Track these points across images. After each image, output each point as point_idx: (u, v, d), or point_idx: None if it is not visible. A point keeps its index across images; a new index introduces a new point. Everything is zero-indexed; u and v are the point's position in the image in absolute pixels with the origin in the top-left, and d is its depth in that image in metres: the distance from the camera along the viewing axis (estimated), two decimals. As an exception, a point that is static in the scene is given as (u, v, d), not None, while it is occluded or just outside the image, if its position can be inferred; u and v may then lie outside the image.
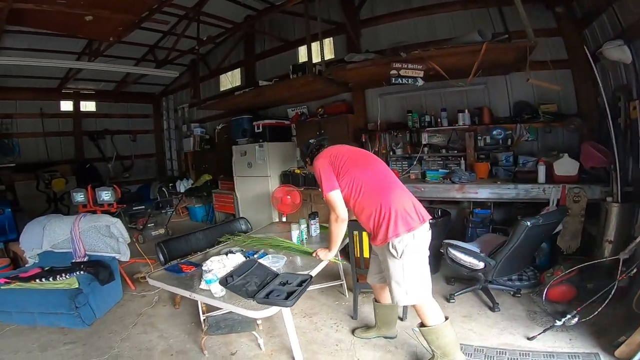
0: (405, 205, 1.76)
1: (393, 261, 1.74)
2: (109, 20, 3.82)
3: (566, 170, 2.93)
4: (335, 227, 1.96)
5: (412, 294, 1.74)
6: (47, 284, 2.61)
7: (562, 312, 2.39)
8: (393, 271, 1.75)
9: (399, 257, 1.70)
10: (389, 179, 1.88)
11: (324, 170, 1.88)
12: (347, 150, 2.01)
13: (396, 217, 1.70)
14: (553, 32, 3.35)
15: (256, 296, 1.58)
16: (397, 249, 1.69)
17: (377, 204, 1.75)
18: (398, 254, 1.70)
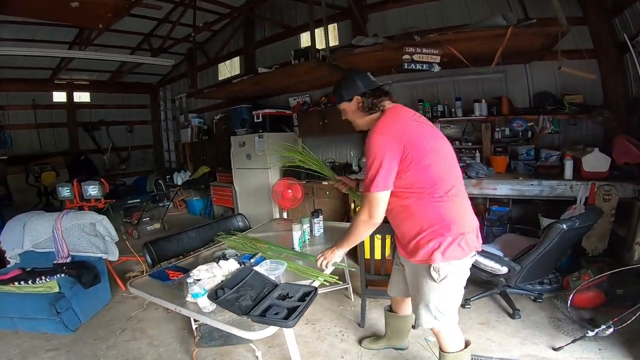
0: (472, 224, 1.42)
1: (429, 284, 1.42)
2: (97, 7, 3.58)
3: (596, 165, 2.67)
4: (363, 229, 1.48)
5: (441, 320, 1.47)
6: (26, 287, 2.41)
7: (589, 319, 2.22)
8: (425, 294, 1.45)
9: (438, 281, 1.38)
10: (460, 178, 1.44)
11: (388, 156, 1.31)
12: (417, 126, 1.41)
13: (456, 240, 1.35)
14: (578, 21, 3.10)
15: (251, 313, 1.34)
16: (440, 273, 1.37)
17: (437, 218, 1.35)
18: (439, 278, 1.37)
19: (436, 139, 1.43)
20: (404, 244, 1.48)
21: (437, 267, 1.36)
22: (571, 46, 3.04)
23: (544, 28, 2.63)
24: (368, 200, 1.39)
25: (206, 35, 6.09)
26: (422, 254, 1.38)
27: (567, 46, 2.96)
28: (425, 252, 1.37)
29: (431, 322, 1.47)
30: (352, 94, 1.47)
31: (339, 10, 4.35)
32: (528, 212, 3.35)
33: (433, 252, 1.35)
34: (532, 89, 3.44)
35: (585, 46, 3.09)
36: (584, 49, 2.98)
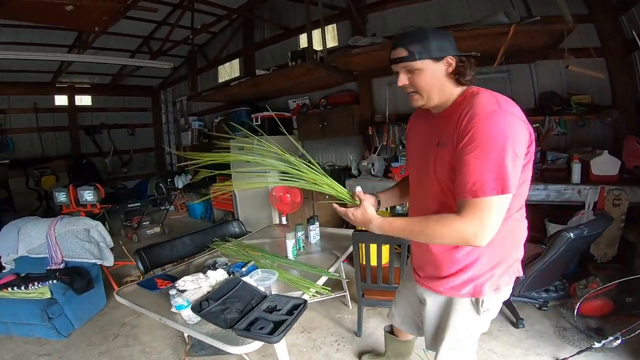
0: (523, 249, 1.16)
1: (465, 320, 1.14)
2: (92, 10, 3.56)
3: (605, 169, 2.56)
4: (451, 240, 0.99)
5: (465, 354, 1.22)
6: (19, 293, 2.38)
7: (596, 328, 2.13)
8: (456, 332, 1.15)
9: (480, 314, 1.11)
10: None
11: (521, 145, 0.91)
12: None
13: (514, 264, 1.11)
14: (584, 19, 3.00)
15: (236, 327, 1.28)
16: (485, 305, 1.09)
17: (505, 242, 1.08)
18: (481, 311, 1.10)
19: None
20: (441, 274, 1.12)
21: (482, 300, 1.09)
22: (577, 44, 2.93)
23: (549, 25, 2.54)
24: (485, 206, 0.90)
25: (206, 37, 6.07)
26: (470, 286, 1.09)
27: (573, 44, 2.86)
28: (474, 284, 1.08)
29: (454, 355, 1.22)
30: (444, 53, 0.99)
31: (338, 11, 4.29)
32: (534, 217, 3.18)
33: (484, 283, 1.08)
34: (538, 89, 3.33)
35: (591, 44, 2.98)
36: (591, 47, 2.87)
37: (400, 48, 1.00)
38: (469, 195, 0.90)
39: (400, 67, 1.02)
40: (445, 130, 0.99)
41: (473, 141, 0.89)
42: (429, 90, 1.02)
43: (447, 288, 1.12)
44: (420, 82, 1.01)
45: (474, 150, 0.89)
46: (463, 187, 0.91)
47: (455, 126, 0.94)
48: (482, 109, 0.91)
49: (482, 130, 0.88)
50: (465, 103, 0.97)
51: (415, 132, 1.22)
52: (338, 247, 2.25)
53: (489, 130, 0.88)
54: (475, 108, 0.92)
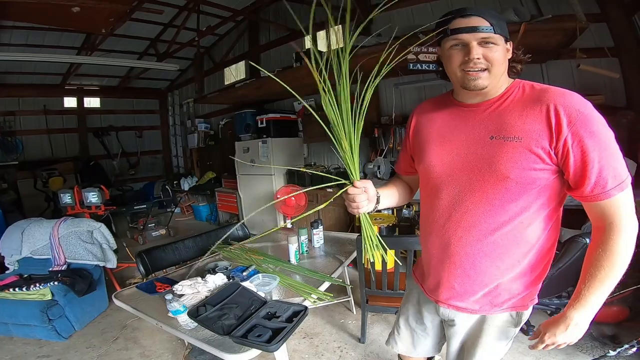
0: None
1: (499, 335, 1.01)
2: (98, 11, 3.57)
3: (619, 171, 2.45)
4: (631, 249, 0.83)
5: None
6: (20, 294, 2.38)
7: (611, 335, 2.03)
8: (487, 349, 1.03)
9: (517, 326, 1.01)
10: None
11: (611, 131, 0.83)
12: None
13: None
14: (597, 18, 2.91)
15: (233, 333, 1.23)
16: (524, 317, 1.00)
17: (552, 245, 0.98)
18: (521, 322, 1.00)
19: None
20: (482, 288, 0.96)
21: (523, 315, 0.99)
22: (590, 44, 2.86)
23: (561, 24, 2.45)
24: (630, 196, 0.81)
25: (212, 40, 6.10)
26: (513, 300, 0.96)
27: (586, 44, 2.79)
28: (518, 297, 0.96)
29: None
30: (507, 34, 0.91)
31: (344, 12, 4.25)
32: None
33: (527, 295, 0.97)
34: (549, 90, 3.25)
35: (604, 44, 2.89)
36: (605, 47, 2.78)
37: (477, 17, 0.87)
38: (614, 192, 0.79)
39: (477, 37, 0.87)
40: (509, 123, 0.86)
41: (593, 135, 0.78)
42: (500, 68, 0.89)
43: (482, 305, 0.98)
44: (496, 57, 0.87)
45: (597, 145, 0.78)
46: (600, 188, 0.79)
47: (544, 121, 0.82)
48: (580, 102, 0.81)
49: (596, 124, 0.79)
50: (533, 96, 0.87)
51: (431, 128, 1.05)
52: (342, 252, 2.20)
53: (601, 122, 0.80)
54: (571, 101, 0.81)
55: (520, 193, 0.87)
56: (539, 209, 0.89)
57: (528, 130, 0.84)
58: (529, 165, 0.84)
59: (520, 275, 0.95)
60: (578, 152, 0.79)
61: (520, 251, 0.92)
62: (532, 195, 0.87)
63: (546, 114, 0.82)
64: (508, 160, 0.85)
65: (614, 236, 0.81)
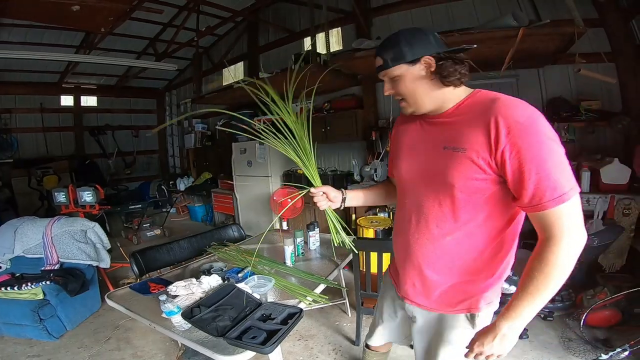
0: None
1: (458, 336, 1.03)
2: (98, 10, 3.55)
3: (615, 177, 2.48)
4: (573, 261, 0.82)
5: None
6: (11, 293, 2.35)
7: (603, 339, 2.06)
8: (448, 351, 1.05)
9: (475, 328, 1.02)
10: None
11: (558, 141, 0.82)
12: None
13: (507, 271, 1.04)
14: (594, 23, 2.94)
15: (227, 335, 1.22)
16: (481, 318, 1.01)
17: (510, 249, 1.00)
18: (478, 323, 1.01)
19: None
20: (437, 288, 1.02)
21: (477, 315, 1.00)
22: (587, 49, 2.88)
23: (560, 28, 2.47)
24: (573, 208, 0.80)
25: (211, 40, 6.09)
26: (467, 302, 1.00)
27: (583, 49, 2.81)
28: (472, 299, 0.99)
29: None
30: (421, 53, 0.91)
31: (343, 15, 4.27)
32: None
33: (480, 298, 0.99)
34: (546, 95, 3.26)
35: (601, 49, 2.92)
36: (602, 52, 2.81)
37: (378, 57, 0.97)
38: (552, 204, 0.78)
39: (381, 76, 0.98)
40: (459, 134, 0.89)
41: (531, 145, 0.78)
42: (413, 95, 0.95)
43: (439, 304, 1.03)
44: (402, 88, 0.95)
45: (536, 156, 0.78)
46: (539, 199, 0.79)
47: (485, 132, 0.83)
48: (522, 113, 0.81)
49: (536, 135, 0.79)
50: (483, 106, 0.87)
51: (404, 138, 1.10)
52: (338, 254, 2.19)
53: (543, 133, 0.79)
54: (513, 112, 0.82)
55: (467, 201, 0.90)
56: (487, 217, 0.92)
57: (472, 141, 0.86)
58: (472, 175, 0.86)
59: (471, 279, 0.98)
60: (516, 162, 0.80)
61: (470, 256, 0.96)
62: (480, 204, 0.90)
63: (487, 125, 0.83)
64: (454, 170, 0.89)
65: (550, 248, 0.81)
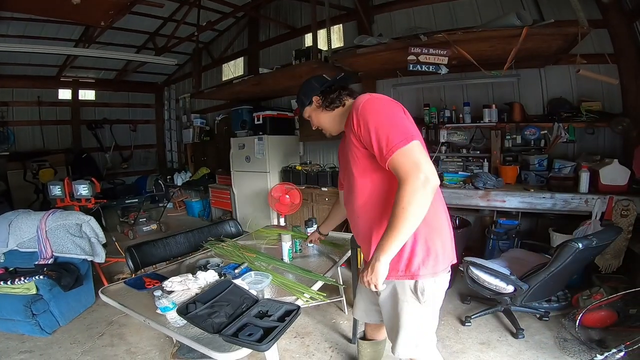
0: (450, 231, 1.23)
1: (410, 306, 1.19)
2: (99, 4, 3.51)
3: (614, 178, 2.48)
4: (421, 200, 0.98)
5: (422, 348, 1.27)
6: (4, 287, 2.31)
7: (598, 340, 2.07)
8: (406, 319, 1.21)
9: (422, 302, 1.17)
10: None
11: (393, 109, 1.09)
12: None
13: (445, 246, 1.17)
14: (597, 24, 2.93)
15: (223, 332, 1.20)
16: (425, 292, 1.15)
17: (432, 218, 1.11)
18: (423, 298, 1.16)
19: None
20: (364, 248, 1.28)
21: (421, 284, 1.14)
22: (590, 50, 2.88)
23: (563, 28, 2.46)
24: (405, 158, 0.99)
25: (211, 35, 6.04)
26: (406, 266, 1.14)
27: (586, 50, 2.80)
28: (411, 263, 1.13)
29: (411, 350, 1.26)
30: (311, 95, 1.34)
31: (345, 11, 4.24)
32: (538, 226, 3.16)
33: (423, 262, 1.13)
34: (547, 95, 3.25)
35: (604, 50, 2.92)
36: (605, 53, 2.80)
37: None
38: (390, 154, 1.01)
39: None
40: (348, 134, 1.20)
41: (367, 119, 1.07)
42: (323, 125, 1.38)
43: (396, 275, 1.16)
44: (315, 122, 1.40)
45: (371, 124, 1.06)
46: (382, 153, 1.04)
47: (351, 125, 1.13)
48: (360, 99, 1.13)
49: (371, 110, 1.08)
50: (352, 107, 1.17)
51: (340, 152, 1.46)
52: (336, 251, 2.18)
53: (375, 109, 1.09)
54: (355, 102, 1.15)
55: (363, 174, 1.18)
56: (381, 182, 1.15)
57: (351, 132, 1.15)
58: (356, 154, 1.16)
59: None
60: (365, 131, 1.08)
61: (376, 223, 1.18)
62: (369, 172, 1.16)
63: (350, 116, 1.14)
64: (350, 154, 1.20)
65: (401, 188, 1.00)
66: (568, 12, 2.71)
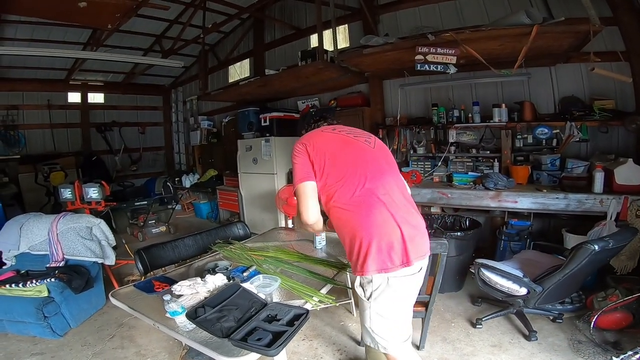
0: (391, 236, 1.26)
1: (361, 301, 1.39)
2: (105, 6, 3.55)
3: (629, 178, 2.42)
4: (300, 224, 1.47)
5: (380, 343, 1.38)
6: (16, 290, 2.34)
7: (614, 342, 2.03)
8: (361, 312, 1.42)
9: (365, 299, 1.34)
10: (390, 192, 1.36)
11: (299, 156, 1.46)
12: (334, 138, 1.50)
13: (369, 250, 1.26)
14: (608, 21, 2.87)
15: (232, 336, 1.19)
16: (365, 290, 1.33)
17: (352, 226, 1.31)
18: (365, 295, 1.34)
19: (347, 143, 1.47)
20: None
21: (361, 281, 1.34)
22: (601, 48, 2.81)
23: (575, 26, 2.41)
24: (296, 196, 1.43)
25: (217, 37, 6.08)
26: (352, 266, 1.35)
27: (597, 48, 2.73)
28: (352, 263, 1.34)
29: (370, 342, 1.40)
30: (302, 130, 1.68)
31: (350, 11, 4.23)
32: (550, 227, 3.10)
33: (356, 263, 1.31)
34: (558, 94, 3.19)
35: (615, 48, 2.85)
36: (618, 51, 2.73)
37: None
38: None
39: None
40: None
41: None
42: None
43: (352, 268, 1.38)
44: None
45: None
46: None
47: None
48: None
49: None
50: None
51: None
52: (344, 254, 2.15)
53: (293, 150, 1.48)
54: None
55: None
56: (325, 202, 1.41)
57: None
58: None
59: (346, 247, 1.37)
60: None
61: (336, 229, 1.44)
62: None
63: None
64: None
65: None
66: (577, 10, 2.67)
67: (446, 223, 3.05)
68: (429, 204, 3.33)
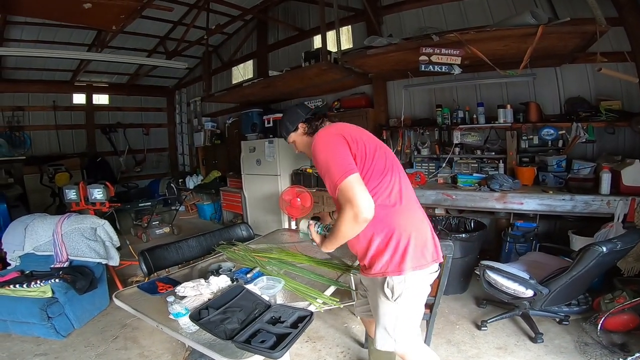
0: (425, 234, 1.30)
1: (384, 303, 1.32)
2: (110, 8, 3.57)
3: (636, 179, 2.40)
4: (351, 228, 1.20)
5: (401, 344, 1.36)
6: (20, 291, 2.35)
7: (621, 344, 2.01)
8: (382, 315, 1.35)
9: (392, 300, 1.28)
10: (412, 190, 1.38)
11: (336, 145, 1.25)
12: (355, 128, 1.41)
13: (407, 248, 1.24)
14: (614, 22, 2.84)
15: (235, 338, 1.18)
16: (395, 290, 1.27)
17: (390, 223, 1.25)
18: (393, 296, 1.27)
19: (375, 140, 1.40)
20: (360, 256, 1.37)
21: (391, 282, 1.26)
22: (607, 48, 2.78)
23: (581, 27, 2.39)
24: (342, 193, 1.17)
25: (221, 38, 6.09)
26: (378, 267, 1.28)
27: (603, 48, 2.70)
28: (381, 264, 1.27)
29: (390, 345, 1.36)
30: (297, 123, 1.51)
31: (353, 12, 4.22)
32: (556, 229, 3.07)
33: (389, 263, 1.25)
34: (564, 94, 3.16)
35: (621, 48, 2.83)
36: (623, 51, 2.72)
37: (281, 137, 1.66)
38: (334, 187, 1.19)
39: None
40: None
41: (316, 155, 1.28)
42: (304, 148, 1.54)
43: (367, 270, 1.33)
44: (299, 148, 1.58)
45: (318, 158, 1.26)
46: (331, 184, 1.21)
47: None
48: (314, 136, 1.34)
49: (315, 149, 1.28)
50: None
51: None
52: (348, 255, 2.14)
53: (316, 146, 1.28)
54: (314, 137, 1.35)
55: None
56: None
57: None
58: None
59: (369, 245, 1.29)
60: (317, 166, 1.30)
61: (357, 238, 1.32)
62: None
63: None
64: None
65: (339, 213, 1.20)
66: (582, 10, 2.65)
67: (451, 225, 3.03)
68: (434, 206, 3.31)
